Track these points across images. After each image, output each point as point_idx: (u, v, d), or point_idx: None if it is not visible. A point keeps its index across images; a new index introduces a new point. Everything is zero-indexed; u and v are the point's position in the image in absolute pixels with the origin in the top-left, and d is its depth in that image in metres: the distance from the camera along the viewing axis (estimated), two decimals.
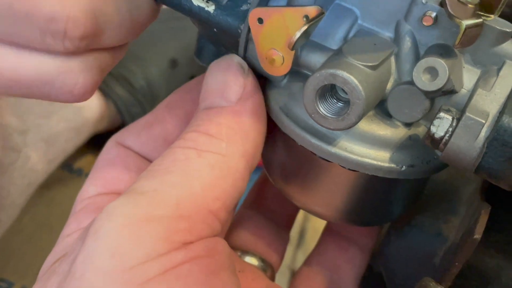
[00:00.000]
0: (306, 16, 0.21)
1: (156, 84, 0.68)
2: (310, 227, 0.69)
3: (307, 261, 0.34)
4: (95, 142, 0.61)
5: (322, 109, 0.21)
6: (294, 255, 0.64)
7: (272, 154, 0.26)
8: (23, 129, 0.51)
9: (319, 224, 0.69)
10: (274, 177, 0.27)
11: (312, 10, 0.20)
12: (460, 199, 0.26)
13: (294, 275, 0.41)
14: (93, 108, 0.60)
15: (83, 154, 0.65)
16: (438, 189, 0.26)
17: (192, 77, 0.72)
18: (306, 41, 0.22)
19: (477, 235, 0.19)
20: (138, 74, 0.66)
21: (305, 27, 0.20)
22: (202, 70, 0.73)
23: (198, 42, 0.28)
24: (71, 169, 0.64)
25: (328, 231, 0.34)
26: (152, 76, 0.68)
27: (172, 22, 0.72)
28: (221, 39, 0.25)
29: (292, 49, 0.21)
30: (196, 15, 0.24)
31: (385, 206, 0.25)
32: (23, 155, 0.49)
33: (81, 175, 0.65)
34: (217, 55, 0.27)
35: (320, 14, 0.20)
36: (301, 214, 0.69)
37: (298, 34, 0.20)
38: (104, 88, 0.61)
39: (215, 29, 0.24)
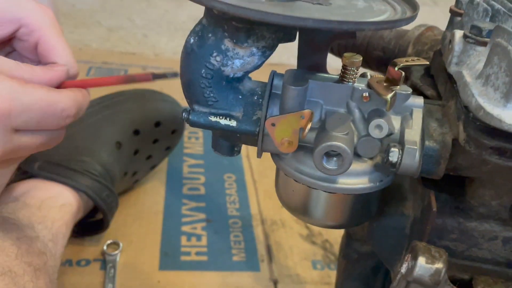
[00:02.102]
0: (302, 116, 0.35)
1: (110, 166, 0.78)
2: (273, 242, 0.84)
3: None
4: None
5: (326, 165, 0.35)
6: (271, 269, 0.78)
7: (290, 197, 0.40)
8: (35, 235, 0.58)
9: (279, 238, 0.83)
10: (289, 207, 0.40)
11: (306, 112, 0.35)
12: (406, 190, 0.42)
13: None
14: (73, 205, 0.69)
15: (70, 244, 0.73)
16: (392, 188, 0.42)
17: (136, 152, 0.83)
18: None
19: (434, 209, 0.35)
20: (93, 163, 0.76)
21: (309, 125, 0.34)
22: (144, 144, 0.85)
23: (215, 140, 0.41)
24: (62, 263, 0.72)
25: None
26: (104, 160, 0.78)
27: (104, 111, 0.83)
28: (241, 138, 0.38)
29: (303, 137, 0.35)
30: (224, 129, 0.37)
31: (369, 209, 0.40)
32: (48, 256, 0.56)
33: (72, 265, 0.74)
34: (231, 148, 0.41)
35: (312, 113, 0.35)
36: (260, 234, 0.83)
37: (308, 129, 0.34)
38: (72, 184, 0.70)
39: (238, 134, 0.37)
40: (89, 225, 0.78)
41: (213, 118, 0.37)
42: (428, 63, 0.37)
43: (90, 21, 1.64)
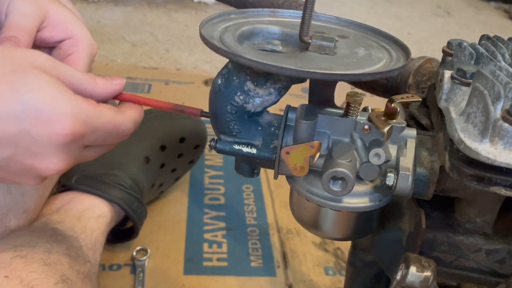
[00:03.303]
0: (312, 146, 0.41)
1: (139, 179, 0.86)
2: (288, 250, 0.90)
3: None
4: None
5: (333, 187, 0.41)
6: (286, 274, 0.85)
7: (302, 213, 0.46)
8: (79, 245, 0.65)
9: (293, 246, 0.90)
10: (301, 221, 0.47)
11: (315, 143, 0.41)
12: (403, 207, 0.48)
13: None
14: (107, 215, 0.76)
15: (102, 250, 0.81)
16: (391, 205, 0.48)
17: (162, 165, 0.90)
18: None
19: (424, 225, 0.41)
20: (124, 177, 0.83)
21: (318, 154, 0.41)
22: (169, 158, 0.92)
23: (238, 164, 0.47)
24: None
25: None
26: (134, 174, 0.85)
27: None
28: (261, 163, 0.45)
29: (313, 164, 0.41)
30: (246, 156, 0.44)
31: (370, 224, 0.46)
32: (91, 264, 0.64)
33: (105, 269, 0.81)
34: (252, 170, 0.47)
35: (321, 144, 0.41)
36: (277, 241, 0.89)
37: (317, 157, 0.41)
38: (107, 196, 0.78)
39: (257, 160, 0.44)
40: (120, 233, 0.85)
41: (236, 146, 0.44)
42: (420, 99, 0.44)
43: (114, 37, 1.73)
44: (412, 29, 2.18)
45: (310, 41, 0.41)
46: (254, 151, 0.44)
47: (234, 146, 0.44)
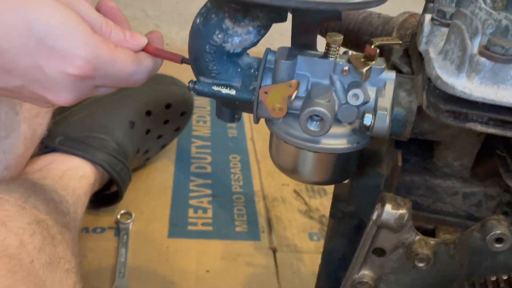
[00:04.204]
0: (290, 85, 0.41)
1: (123, 143, 0.85)
2: (273, 216, 0.90)
3: None
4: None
5: (310, 127, 0.41)
6: (271, 239, 0.85)
7: (282, 158, 0.46)
8: (59, 199, 0.65)
9: (279, 213, 0.90)
10: (280, 167, 0.47)
11: (293, 82, 0.41)
12: (382, 153, 0.48)
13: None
14: (90, 176, 0.76)
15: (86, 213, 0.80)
16: (369, 152, 0.48)
17: (148, 131, 0.90)
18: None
19: (399, 163, 0.41)
20: (108, 140, 0.83)
21: (295, 93, 0.41)
22: (155, 124, 0.92)
23: (218, 108, 0.47)
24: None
25: None
26: (118, 138, 0.85)
27: (119, 92, 0.90)
28: (240, 106, 0.45)
29: (290, 103, 0.41)
30: (225, 98, 0.44)
31: (349, 168, 0.46)
32: (71, 218, 0.63)
33: (88, 231, 0.81)
34: (232, 115, 0.47)
35: (299, 83, 0.41)
36: (262, 208, 0.90)
37: (294, 96, 0.41)
38: (90, 157, 0.77)
39: (237, 102, 0.44)
40: (104, 197, 0.85)
41: (215, 88, 0.44)
42: (400, 42, 0.43)
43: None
44: None
45: None
46: (233, 92, 0.44)
47: (213, 88, 0.44)
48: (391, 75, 0.43)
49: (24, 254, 0.40)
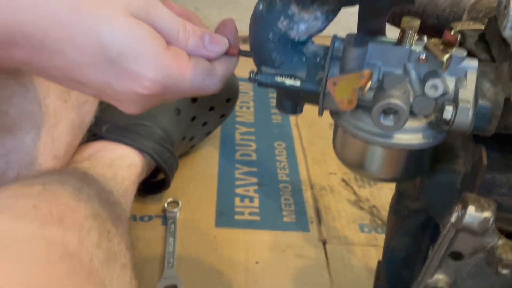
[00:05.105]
0: (362, 76, 0.38)
1: (170, 130, 0.83)
2: (322, 206, 0.87)
3: None
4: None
5: (384, 122, 0.38)
6: (320, 230, 0.82)
7: (348, 152, 0.43)
8: (109, 189, 0.63)
9: (327, 203, 0.87)
10: (346, 162, 0.44)
11: (366, 72, 0.38)
12: (458, 148, 0.44)
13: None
14: (138, 165, 0.75)
15: (133, 201, 0.79)
16: (442, 147, 0.44)
17: (193, 118, 0.88)
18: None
19: (485, 162, 0.37)
20: (155, 127, 0.81)
21: (369, 84, 0.37)
22: (201, 111, 0.90)
23: (279, 100, 0.44)
24: None
25: None
26: (165, 126, 0.83)
27: None
28: (305, 97, 0.42)
29: (362, 95, 0.38)
30: (289, 89, 0.41)
31: (421, 164, 0.43)
32: (122, 209, 0.62)
33: (136, 220, 0.80)
34: (294, 106, 0.44)
35: (372, 73, 0.38)
36: (310, 198, 0.87)
37: (367, 88, 0.37)
38: (138, 146, 0.76)
39: (301, 94, 0.41)
40: (152, 185, 0.83)
41: (279, 78, 0.41)
42: (483, 27, 0.39)
43: None
44: None
45: None
46: (298, 83, 0.41)
47: (276, 78, 0.41)
48: (473, 63, 0.39)
49: (83, 252, 0.39)
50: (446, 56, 0.38)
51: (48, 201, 0.42)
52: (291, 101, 0.44)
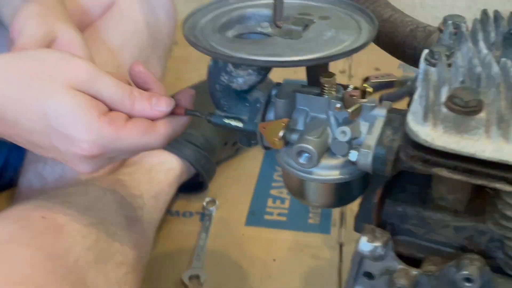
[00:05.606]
0: (283, 122, 0.46)
1: (211, 137, 0.95)
2: (348, 209, 0.94)
3: None
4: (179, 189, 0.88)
5: (300, 160, 0.46)
6: (340, 233, 0.89)
7: (288, 183, 0.51)
8: (139, 193, 0.77)
9: (355, 206, 0.93)
10: (290, 191, 0.52)
11: (284, 120, 0.46)
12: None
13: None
14: (176, 168, 0.88)
15: (175, 200, 0.93)
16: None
17: None
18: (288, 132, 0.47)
19: (375, 201, 0.44)
20: (198, 135, 0.93)
21: (282, 131, 0.45)
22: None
23: (239, 137, 0.53)
24: (171, 213, 0.92)
25: None
26: (206, 133, 0.95)
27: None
28: (247, 136, 0.51)
29: (279, 141, 0.46)
30: (234, 129, 0.50)
31: (352, 193, 0.50)
32: (145, 210, 0.75)
33: (179, 215, 0.93)
34: (249, 141, 0.53)
35: (288, 121, 0.46)
36: None
37: (281, 134, 0.45)
38: (178, 153, 0.89)
39: (244, 133, 0.50)
40: (195, 184, 0.96)
41: (226, 120, 0.50)
42: (395, 79, 0.45)
43: None
44: None
45: (281, 25, 0.45)
46: (240, 124, 0.50)
47: (224, 120, 0.50)
48: (381, 112, 0.45)
49: (70, 255, 0.51)
50: (352, 108, 0.44)
51: (55, 211, 0.55)
52: (245, 137, 0.53)
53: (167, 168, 0.86)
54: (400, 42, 0.64)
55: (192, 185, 0.95)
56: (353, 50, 0.42)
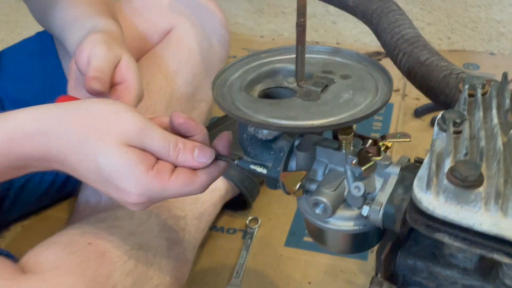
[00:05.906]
0: (302, 174, 0.49)
1: None
2: None
3: None
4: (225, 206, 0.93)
5: (316, 210, 0.49)
6: None
7: (309, 229, 0.54)
8: (183, 214, 0.82)
9: None
10: (311, 236, 0.55)
11: (303, 173, 0.49)
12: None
13: None
14: (221, 189, 0.93)
15: (221, 216, 0.98)
16: None
17: None
18: (306, 183, 0.50)
19: (382, 256, 0.46)
20: (241, 155, 0.98)
21: (299, 183, 0.49)
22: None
23: (265, 180, 0.57)
24: (216, 228, 0.97)
25: None
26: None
27: None
28: (271, 182, 0.54)
29: (297, 191, 0.49)
30: (260, 175, 0.54)
31: (368, 242, 0.52)
32: (187, 232, 0.80)
33: (223, 231, 0.98)
34: (274, 184, 0.57)
35: (307, 173, 0.49)
36: None
37: (298, 186, 0.49)
38: (224, 174, 0.93)
39: (268, 179, 0.53)
40: (241, 202, 1.01)
41: (252, 166, 0.54)
42: (408, 139, 0.47)
43: (288, 10, 1.85)
44: None
45: (303, 86, 0.48)
46: (265, 171, 0.53)
47: (250, 166, 0.54)
48: (395, 170, 0.48)
49: (110, 281, 0.57)
50: (366, 166, 0.47)
51: (101, 238, 0.61)
52: (270, 181, 0.56)
53: (212, 188, 0.91)
54: (434, 86, 0.65)
55: (237, 203, 1.00)
56: (364, 117, 0.45)
